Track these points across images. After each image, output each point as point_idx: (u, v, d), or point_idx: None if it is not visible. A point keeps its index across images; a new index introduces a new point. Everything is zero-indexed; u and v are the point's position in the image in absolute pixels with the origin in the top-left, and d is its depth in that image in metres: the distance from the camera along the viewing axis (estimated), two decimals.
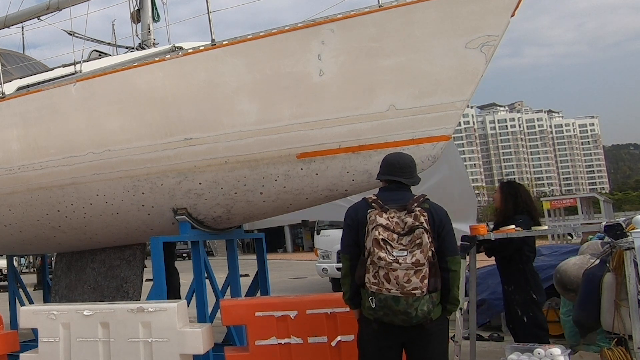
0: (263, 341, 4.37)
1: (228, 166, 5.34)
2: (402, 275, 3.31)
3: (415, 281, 3.30)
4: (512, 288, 5.14)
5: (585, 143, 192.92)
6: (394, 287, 3.32)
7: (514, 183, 5.74)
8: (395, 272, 3.31)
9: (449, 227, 3.58)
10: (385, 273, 3.33)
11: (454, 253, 3.53)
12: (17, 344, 5.36)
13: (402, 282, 3.30)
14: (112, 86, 5.60)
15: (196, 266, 5.86)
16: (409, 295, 3.31)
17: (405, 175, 3.71)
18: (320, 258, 14.36)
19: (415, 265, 3.31)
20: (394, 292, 3.32)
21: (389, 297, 3.34)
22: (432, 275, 3.36)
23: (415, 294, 3.31)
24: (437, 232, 3.50)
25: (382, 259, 3.34)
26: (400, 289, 3.31)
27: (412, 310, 3.32)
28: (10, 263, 8.62)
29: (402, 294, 3.31)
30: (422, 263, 3.31)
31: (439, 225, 3.51)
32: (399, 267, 3.31)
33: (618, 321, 4.10)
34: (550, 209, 30.05)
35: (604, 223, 4.28)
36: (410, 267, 3.30)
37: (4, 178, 6.17)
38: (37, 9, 8.52)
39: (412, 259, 3.31)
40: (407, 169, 3.74)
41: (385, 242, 3.37)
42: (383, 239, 3.38)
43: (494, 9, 4.58)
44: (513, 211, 5.16)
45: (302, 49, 4.93)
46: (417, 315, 3.33)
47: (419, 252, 3.33)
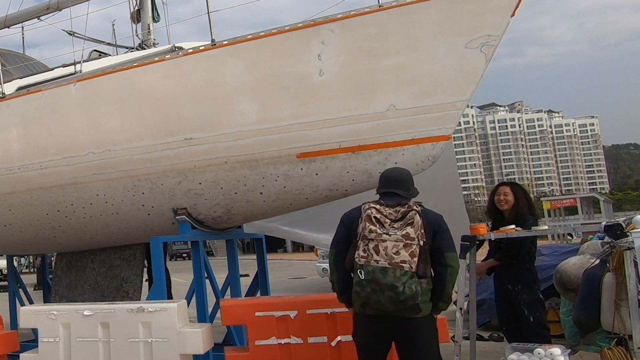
0: (263, 341, 4.37)
1: (228, 166, 5.34)
2: (391, 246, 3.41)
3: (404, 254, 3.39)
4: (518, 287, 5.12)
5: (585, 143, 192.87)
6: (382, 258, 3.41)
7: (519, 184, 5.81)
8: (385, 243, 3.43)
9: (446, 228, 3.67)
10: (375, 245, 3.45)
11: (451, 249, 3.60)
12: (17, 344, 5.36)
13: (391, 253, 3.40)
14: (112, 86, 5.60)
15: (196, 266, 5.86)
16: (397, 267, 3.39)
17: (402, 188, 3.83)
18: (320, 258, 14.39)
19: (405, 238, 3.41)
20: (382, 263, 3.41)
21: (377, 269, 3.42)
22: (422, 261, 3.43)
23: (403, 267, 3.39)
24: (433, 229, 3.59)
25: (373, 231, 3.47)
26: (388, 259, 3.40)
27: (400, 285, 3.37)
28: (10, 263, 8.62)
29: (390, 265, 3.40)
30: (412, 237, 3.42)
31: (434, 224, 3.61)
32: (388, 239, 3.43)
33: (618, 321, 4.10)
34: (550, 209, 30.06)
35: (604, 223, 4.28)
36: (400, 239, 3.41)
37: (4, 178, 6.17)
38: (37, 9, 8.52)
39: (402, 232, 3.44)
40: (403, 182, 3.87)
41: (377, 220, 3.52)
42: (375, 217, 3.53)
43: (494, 9, 4.58)
44: (528, 211, 5.20)
45: (302, 49, 4.93)
46: (404, 292, 3.37)
47: (409, 227, 3.45)
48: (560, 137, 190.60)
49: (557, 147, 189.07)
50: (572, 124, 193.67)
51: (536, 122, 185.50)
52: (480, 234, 4.73)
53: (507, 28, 4.65)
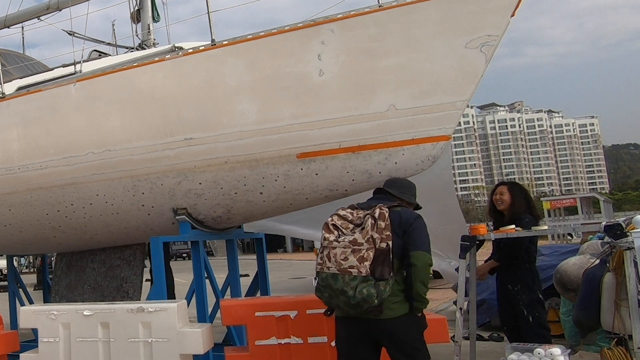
0: (263, 341, 4.38)
1: (228, 166, 5.33)
2: (339, 252, 3.48)
3: (352, 260, 3.44)
4: (518, 287, 5.13)
5: (585, 143, 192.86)
6: (333, 264, 3.49)
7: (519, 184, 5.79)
8: (335, 250, 3.51)
9: (417, 226, 3.68)
10: (328, 252, 3.53)
11: (417, 248, 3.59)
12: (17, 344, 5.36)
13: (340, 260, 3.47)
14: (112, 86, 5.60)
15: (196, 266, 5.86)
16: (345, 272, 3.44)
17: (394, 189, 3.97)
18: None
19: (352, 244, 3.47)
20: (333, 269, 3.49)
21: (329, 275, 3.50)
22: (379, 263, 3.45)
23: (351, 272, 3.43)
24: (402, 229, 3.63)
25: (326, 238, 3.57)
26: (337, 266, 3.47)
27: (349, 290, 3.41)
28: (10, 263, 8.62)
29: (338, 272, 3.46)
30: (359, 242, 3.46)
31: (405, 223, 3.65)
32: (337, 245, 3.50)
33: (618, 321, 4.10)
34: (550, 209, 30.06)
35: (604, 223, 4.28)
36: (348, 245, 3.47)
37: (4, 178, 6.17)
38: (37, 9, 8.52)
39: (350, 238, 3.50)
40: (398, 183, 4.03)
41: (335, 227, 3.61)
42: (333, 224, 3.62)
43: (494, 9, 4.58)
44: (526, 210, 5.19)
45: (302, 49, 4.93)
46: (355, 296, 3.40)
47: (357, 233, 3.52)
48: (560, 137, 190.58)
49: (557, 147, 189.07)
50: (572, 124, 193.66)
51: (536, 122, 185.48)
52: (480, 234, 4.73)
53: (507, 28, 4.65)
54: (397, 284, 3.57)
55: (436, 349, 4.53)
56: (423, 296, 3.58)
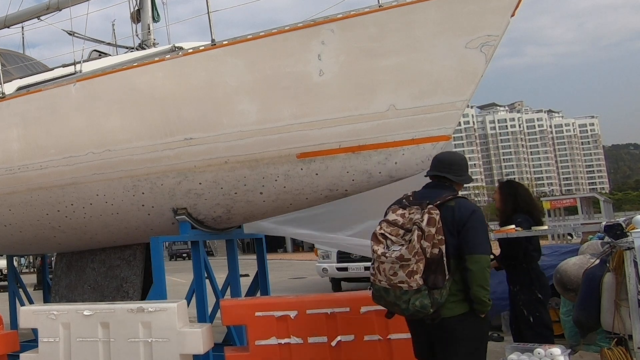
0: (263, 341, 4.37)
1: (228, 166, 5.34)
2: (388, 268, 3.43)
3: (401, 275, 3.38)
4: (517, 288, 5.12)
5: (585, 143, 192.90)
6: (383, 278, 3.46)
7: (513, 182, 5.75)
8: (383, 265, 3.45)
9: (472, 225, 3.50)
10: (378, 265, 3.49)
11: (472, 252, 3.45)
12: (17, 344, 5.36)
13: (389, 275, 3.42)
14: (112, 86, 5.60)
15: (196, 266, 5.86)
16: (396, 288, 3.41)
17: (454, 172, 3.75)
18: (320, 258, 14.35)
19: (399, 260, 3.38)
20: (384, 283, 3.46)
21: (380, 288, 3.49)
22: (432, 272, 3.37)
23: (401, 287, 3.39)
24: (457, 228, 3.50)
25: (375, 251, 3.50)
26: (388, 281, 3.44)
27: (402, 303, 3.41)
28: (10, 263, 8.62)
29: (389, 286, 3.43)
30: (406, 258, 3.37)
31: (459, 222, 3.50)
32: (385, 261, 3.44)
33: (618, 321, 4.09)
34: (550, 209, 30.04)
35: (604, 223, 4.28)
36: (395, 261, 3.39)
37: (4, 178, 6.17)
38: (37, 9, 8.52)
39: (397, 254, 3.40)
40: (456, 166, 3.78)
41: (384, 237, 3.50)
42: (382, 234, 3.52)
43: (494, 9, 4.58)
44: (512, 211, 5.16)
45: (302, 49, 4.93)
46: (408, 309, 3.40)
47: (404, 248, 3.40)
48: (560, 137, 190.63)
49: (557, 147, 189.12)
50: (572, 124, 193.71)
51: (536, 122, 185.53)
52: None
53: (507, 28, 4.65)
54: (455, 284, 3.49)
55: None
56: (483, 299, 3.45)
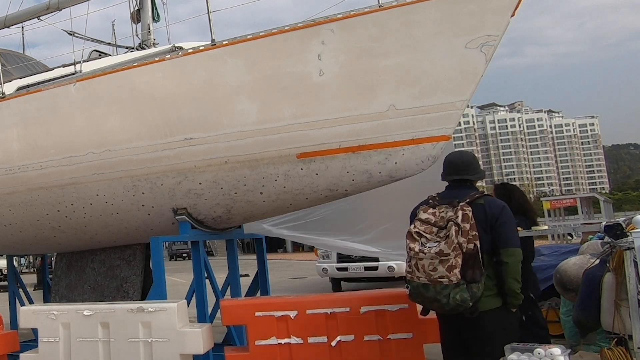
0: (263, 341, 4.37)
1: (228, 166, 5.33)
2: (427, 264, 3.52)
3: (441, 270, 3.47)
4: None
5: (585, 143, 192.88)
6: (422, 275, 3.54)
7: (507, 185, 5.76)
8: (422, 261, 3.54)
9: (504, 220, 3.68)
10: (415, 262, 3.57)
11: (507, 245, 3.63)
12: (17, 344, 5.36)
13: (429, 271, 3.51)
14: (112, 86, 5.60)
15: (196, 266, 5.86)
16: (436, 283, 3.49)
17: (471, 172, 3.91)
18: (320, 258, 14.36)
19: (439, 255, 3.48)
20: (423, 279, 3.54)
21: (419, 285, 3.57)
22: (469, 267, 3.49)
23: (442, 282, 3.48)
24: (489, 225, 3.65)
25: (412, 249, 3.60)
26: (427, 276, 3.52)
27: (442, 298, 3.49)
28: (10, 263, 8.62)
29: (429, 282, 3.52)
30: (446, 253, 3.47)
31: (491, 218, 3.65)
32: (424, 257, 3.53)
33: (618, 321, 4.09)
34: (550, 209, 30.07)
35: (604, 223, 4.28)
36: (435, 256, 3.49)
37: (4, 178, 6.17)
38: (37, 9, 8.52)
39: (436, 249, 3.50)
40: (471, 165, 3.95)
41: (419, 235, 3.61)
42: (417, 232, 3.63)
43: (494, 9, 4.58)
44: None
45: (302, 49, 4.93)
46: (449, 303, 3.48)
47: (443, 243, 3.50)
48: (560, 137, 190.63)
49: (557, 147, 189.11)
50: (572, 124, 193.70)
51: (536, 122, 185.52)
52: None
53: (507, 28, 4.65)
54: (489, 279, 3.62)
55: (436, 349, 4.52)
56: (517, 292, 3.63)
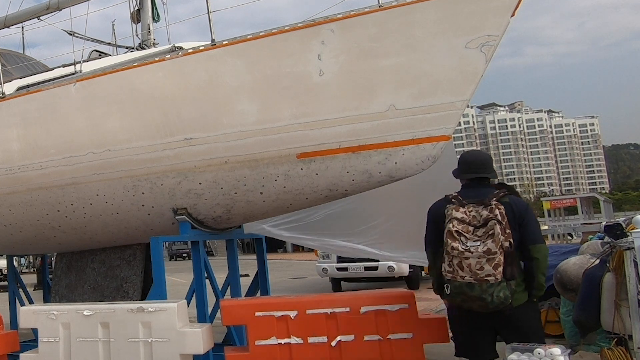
0: (263, 341, 4.37)
1: (228, 166, 5.33)
2: (474, 263, 3.54)
3: (488, 268, 3.52)
4: None
5: (585, 143, 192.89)
6: (467, 274, 3.56)
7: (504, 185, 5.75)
8: (468, 261, 3.56)
9: (530, 218, 3.78)
10: (459, 262, 3.58)
11: (535, 242, 3.72)
12: (17, 344, 5.36)
13: (475, 270, 3.54)
14: (112, 86, 5.60)
15: (196, 266, 5.86)
16: (483, 281, 3.53)
17: (488, 171, 3.99)
18: (320, 258, 14.38)
19: (486, 254, 3.52)
20: (468, 279, 3.56)
21: (463, 284, 3.59)
22: (508, 264, 3.56)
23: (488, 280, 3.52)
24: (517, 222, 3.70)
25: (455, 248, 3.60)
26: (473, 275, 3.55)
27: (487, 296, 3.54)
28: (10, 263, 8.62)
29: (475, 281, 3.54)
30: (493, 252, 3.52)
31: (519, 217, 3.71)
32: (471, 256, 3.55)
33: (618, 321, 4.09)
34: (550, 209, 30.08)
35: (604, 223, 4.29)
36: (482, 255, 3.53)
37: (4, 178, 6.17)
38: (37, 9, 8.52)
39: (483, 247, 3.54)
40: (488, 164, 4.03)
41: (459, 234, 3.63)
42: (457, 231, 3.64)
43: (494, 9, 4.58)
44: None
45: (302, 49, 4.93)
46: (493, 301, 3.54)
47: (490, 241, 3.54)
48: (560, 137, 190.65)
49: (557, 147, 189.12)
50: (572, 124, 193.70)
51: (536, 122, 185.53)
52: None
53: (507, 28, 4.65)
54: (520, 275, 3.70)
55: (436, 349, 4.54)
56: (543, 285, 3.75)
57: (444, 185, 7.31)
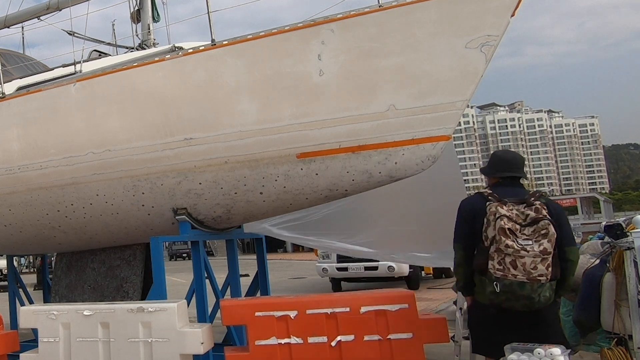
0: (263, 341, 4.37)
1: (228, 166, 5.34)
2: (529, 262, 3.52)
3: (542, 268, 3.52)
4: None
5: (585, 143, 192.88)
6: (520, 273, 3.52)
7: None
8: (523, 260, 3.53)
9: (565, 220, 3.81)
10: (512, 260, 3.53)
11: (571, 244, 3.74)
12: (17, 344, 5.35)
13: (529, 269, 3.51)
14: (112, 86, 5.60)
15: (196, 266, 5.86)
16: (535, 281, 3.52)
17: (521, 170, 4.01)
18: (320, 258, 14.38)
19: (542, 254, 3.53)
20: (520, 277, 3.53)
21: (514, 283, 3.54)
22: (554, 264, 3.57)
23: (540, 280, 3.52)
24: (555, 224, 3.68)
25: (510, 246, 3.55)
26: (526, 275, 3.52)
27: (536, 296, 3.54)
28: (10, 263, 8.62)
29: (528, 280, 3.52)
30: (549, 251, 3.53)
31: (556, 218, 3.70)
32: (526, 255, 3.52)
33: (618, 321, 4.10)
34: None
35: (604, 223, 4.29)
36: (538, 254, 3.52)
37: (4, 178, 6.17)
38: (37, 9, 8.53)
39: (539, 247, 3.53)
40: (523, 164, 4.07)
41: (511, 232, 3.59)
42: (509, 229, 3.59)
43: (494, 9, 4.58)
44: None
45: (302, 49, 4.93)
46: (539, 301, 3.55)
47: (546, 241, 3.54)
48: (560, 137, 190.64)
49: (557, 147, 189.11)
50: (572, 124, 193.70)
51: (536, 122, 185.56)
52: None
53: (507, 28, 4.65)
54: None
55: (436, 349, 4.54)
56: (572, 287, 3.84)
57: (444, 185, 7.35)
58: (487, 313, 3.81)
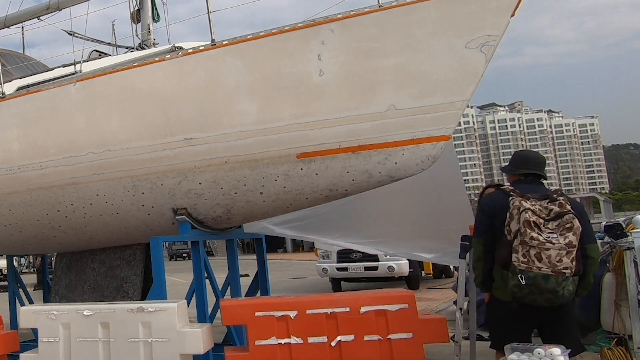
0: (263, 341, 4.37)
1: (228, 166, 5.34)
2: (554, 254, 3.53)
3: (567, 261, 3.53)
4: None
5: (585, 143, 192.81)
6: (545, 265, 3.54)
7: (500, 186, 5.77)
8: (548, 252, 3.54)
9: (586, 217, 3.81)
10: (537, 252, 3.55)
11: (592, 241, 3.75)
12: (17, 344, 5.36)
13: (554, 262, 3.52)
14: (112, 86, 5.60)
15: (196, 266, 5.86)
16: (560, 274, 3.53)
17: (542, 169, 4.04)
18: (320, 258, 14.37)
19: (568, 247, 3.54)
20: (545, 270, 3.53)
21: (539, 275, 3.54)
22: (578, 259, 3.59)
23: (565, 273, 3.53)
24: None
25: (535, 239, 3.56)
26: (551, 267, 3.53)
27: (560, 289, 3.54)
28: (10, 263, 8.62)
29: (552, 273, 3.53)
30: (574, 244, 3.55)
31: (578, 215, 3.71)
32: (552, 247, 3.54)
33: (618, 321, 4.10)
34: None
35: (604, 223, 4.29)
36: (564, 247, 3.54)
37: (4, 178, 6.17)
38: (37, 9, 8.52)
39: (565, 240, 3.55)
40: (544, 163, 4.09)
41: (535, 224, 3.60)
42: (534, 221, 3.60)
43: (494, 9, 4.58)
44: None
45: (302, 49, 4.93)
46: (563, 295, 3.56)
47: (571, 234, 3.56)
48: (560, 137, 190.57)
49: (557, 147, 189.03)
50: (572, 124, 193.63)
51: (536, 122, 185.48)
52: None
53: (507, 28, 4.65)
54: None
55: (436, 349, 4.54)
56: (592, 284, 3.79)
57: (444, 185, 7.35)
58: (506, 309, 3.81)
